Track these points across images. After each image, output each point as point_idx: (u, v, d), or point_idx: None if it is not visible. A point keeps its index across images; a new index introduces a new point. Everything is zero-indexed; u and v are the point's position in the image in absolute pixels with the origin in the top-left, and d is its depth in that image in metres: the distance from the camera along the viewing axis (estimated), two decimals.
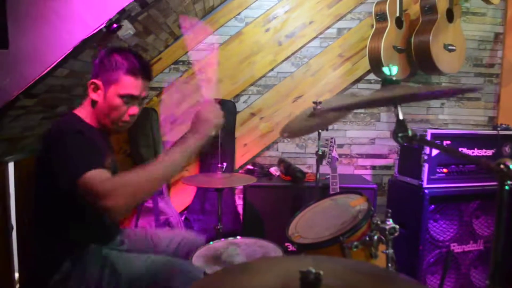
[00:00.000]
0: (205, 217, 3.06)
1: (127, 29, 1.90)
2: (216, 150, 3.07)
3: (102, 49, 1.62)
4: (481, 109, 3.28)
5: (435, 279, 2.64)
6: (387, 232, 1.58)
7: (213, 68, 1.75)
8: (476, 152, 2.65)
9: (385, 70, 1.14)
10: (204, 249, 1.91)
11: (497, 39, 3.19)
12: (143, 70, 1.57)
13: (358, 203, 1.86)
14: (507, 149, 2.72)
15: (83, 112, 1.62)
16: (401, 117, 1.03)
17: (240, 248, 1.93)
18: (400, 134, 1.02)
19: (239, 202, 3.16)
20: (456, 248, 2.67)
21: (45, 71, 1.76)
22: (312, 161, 3.27)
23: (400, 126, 1.03)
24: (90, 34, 1.74)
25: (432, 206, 2.59)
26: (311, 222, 1.88)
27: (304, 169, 3.23)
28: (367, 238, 1.66)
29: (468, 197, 2.65)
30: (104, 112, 1.57)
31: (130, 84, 1.53)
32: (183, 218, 3.07)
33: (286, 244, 2.72)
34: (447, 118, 3.26)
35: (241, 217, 3.12)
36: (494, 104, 3.28)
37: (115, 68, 1.53)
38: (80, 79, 2.25)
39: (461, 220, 2.67)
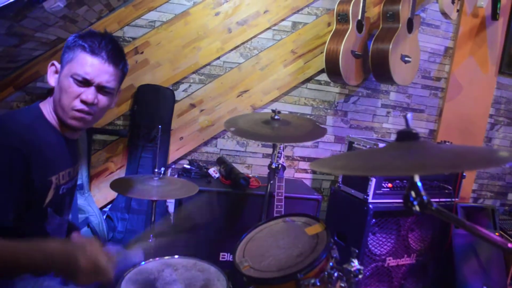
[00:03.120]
0: (131, 216, 2.72)
1: (56, 1, 1.52)
2: (148, 143, 2.74)
3: None
4: (424, 121, 3.29)
5: None
6: (351, 275, 1.43)
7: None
8: None
9: (408, 118, 0.94)
10: (134, 271, 1.63)
11: (447, 54, 3.18)
12: (106, 51, 1.28)
13: (314, 231, 1.69)
14: None
15: (48, 105, 1.34)
16: (416, 180, 0.85)
17: (178, 271, 1.68)
18: (415, 202, 0.84)
19: (170, 201, 2.87)
20: (391, 262, 2.67)
21: None
22: (252, 160, 3.07)
23: (414, 190, 0.85)
24: (6, 2, 1.38)
25: (374, 220, 2.54)
26: (262, 249, 1.67)
27: (244, 168, 3.03)
28: (326, 275, 1.50)
29: (407, 212, 2.64)
30: (56, 98, 1.31)
31: (84, 63, 1.27)
32: (104, 216, 2.70)
33: (222, 254, 2.52)
34: (390, 127, 3.22)
35: (171, 217, 2.84)
36: (436, 117, 3.29)
37: (75, 45, 1.29)
38: None
39: (398, 234, 2.67)
